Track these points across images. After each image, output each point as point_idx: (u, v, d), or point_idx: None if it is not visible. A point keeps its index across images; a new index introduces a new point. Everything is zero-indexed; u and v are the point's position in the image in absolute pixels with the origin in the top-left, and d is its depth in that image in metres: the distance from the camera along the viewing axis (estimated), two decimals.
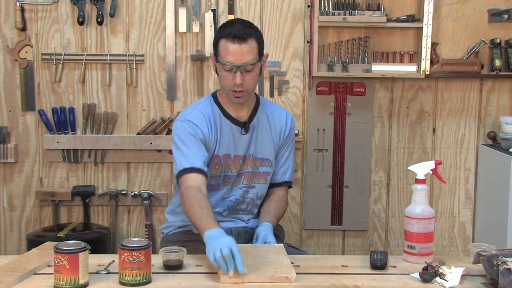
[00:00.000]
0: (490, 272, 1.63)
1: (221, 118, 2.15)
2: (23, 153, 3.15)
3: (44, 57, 3.08)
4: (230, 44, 2.01)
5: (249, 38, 2.02)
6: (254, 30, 2.06)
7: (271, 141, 2.22)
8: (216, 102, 2.18)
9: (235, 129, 2.16)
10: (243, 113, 2.17)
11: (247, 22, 2.09)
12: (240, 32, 2.01)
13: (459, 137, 3.20)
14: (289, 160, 2.29)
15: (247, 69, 2.03)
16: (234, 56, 2.01)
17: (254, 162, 2.18)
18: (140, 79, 3.12)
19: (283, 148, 2.27)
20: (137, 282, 1.58)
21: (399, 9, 3.08)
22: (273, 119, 2.24)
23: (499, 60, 3.07)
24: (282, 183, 2.29)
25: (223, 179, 2.16)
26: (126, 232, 3.22)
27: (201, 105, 2.19)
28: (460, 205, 3.24)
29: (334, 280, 1.66)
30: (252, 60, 2.03)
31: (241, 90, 2.05)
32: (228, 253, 1.61)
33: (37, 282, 1.62)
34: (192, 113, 2.15)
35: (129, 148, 3.13)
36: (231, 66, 2.02)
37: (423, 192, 1.84)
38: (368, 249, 3.21)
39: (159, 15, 3.08)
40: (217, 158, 2.14)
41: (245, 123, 2.16)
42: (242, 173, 2.18)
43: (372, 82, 3.14)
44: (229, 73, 2.04)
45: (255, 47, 2.04)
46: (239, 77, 2.02)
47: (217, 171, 2.15)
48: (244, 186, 2.19)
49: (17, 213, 3.19)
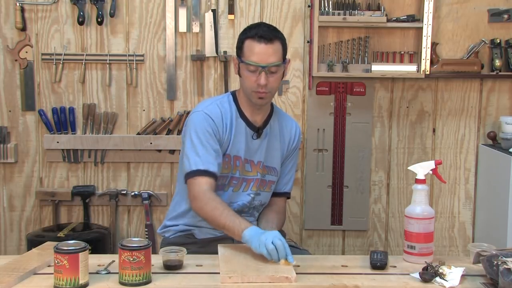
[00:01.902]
0: (490, 272, 1.63)
1: (237, 118, 2.13)
2: (23, 153, 3.15)
3: (44, 57, 3.08)
4: (256, 44, 2.01)
5: (275, 39, 2.03)
6: (279, 33, 2.08)
7: (279, 150, 2.22)
8: (235, 101, 2.16)
9: (248, 132, 2.14)
10: (258, 118, 2.16)
11: (272, 26, 2.12)
12: (266, 33, 2.02)
13: (459, 137, 3.20)
14: (292, 171, 2.30)
15: (271, 70, 2.02)
16: (260, 56, 2.01)
17: (262, 170, 2.18)
18: (140, 79, 3.12)
19: (288, 159, 2.27)
20: (137, 282, 1.58)
21: (399, 9, 3.08)
22: (284, 128, 2.25)
23: (499, 60, 3.07)
24: (283, 194, 2.29)
25: (229, 180, 2.14)
26: (126, 232, 3.22)
27: (220, 100, 2.16)
28: (460, 205, 3.24)
29: (334, 280, 1.66)
30: (277, 62, 2.02)
31: (264, 91, 2.04)
32: (280, 244, 1.73)
33: (37, 282, 1.62)
34: (210, 107, 2.11)
35: (129, 148, 3.13)
36: (256, 66, 2.01)
37: (423, 192, 1.84)
38: (368, 249, 3.21)
39: (159, 15, 3.08)
40: (227, 157, 2.11)
41: (258, 129, 2.16)
42: (250, 179, 2.15)
43: (372, 82, 3.14)
44: (253, 73, 2.03)
45: (280, 49, 2.05)
46: (263, 78, 2.01)
47: (225, 170, 2.12)
48: (252, 192, 2.17)
49: (17, 213, 3.19)
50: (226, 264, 1.72)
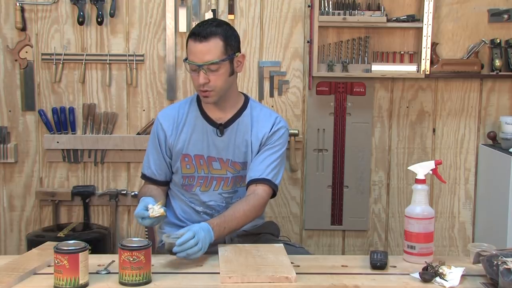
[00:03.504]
0: (490, 272, 1.63)
1: (196, 118, 2.15)
2: (23, 153, 3.15)
3: (44, 57, 3.08)
4: (193, 43, 2.01)
5: (211, 36, 1.99)
6: (220, 29, 2.02)
7: (250, 145, 2.15)
8: (198, 100, 2.18)
9: (210, 130, 2.14)
10: (222, 114, 2.15)
11: (217, 21, 2.08)
12: (202, 31, 2.00)
13: (459, 137, 3.20)
14: (270, 159, 2.11)
15: (211, 68, 2.00)
16: (196, 55, 2.00)
17: (234, 167, 2.16)
18: (140, 79, 3.12)
19: (263, 148, 2.13)
20: (137, 282, 1.58)
21: (399, 9, 3.08)
22: (259, 122, 2.17)
23: (499, 60, 3.07)
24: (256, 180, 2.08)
25: (197, 180, 2.15)
26: (126, 232, 3.22)
27: (182, 102, 2.24)
28: (460, 205, 3.24)
29: (334, 280, 1.66)
30: (215, 59, 2.00)
31: (206, 90, 2.03)
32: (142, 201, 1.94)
33: (37, 282, 1.62)
34: (167, 110, 2.25)
35: (129, 148, 3.13)
36: (194, 65, 2.02)
37: (423, 192, 1.84)
38: (368, 249, 3.21)
39: (159, 15, 3.08)
40: (187, 157, 2.13)
41: (219, 125, 2.14)
42: (220, 178, 2.15)
43: (372, 82, 3.14)
44: (195, 72, 2.03)
45: (220, 45, 2.01)
46: (202, 77, 2.01)
47: (188, 171, 2.14)
48: (225, 192, 2.16)
49: (17, 213, 3.19)
50: (226, 264, 1.72)
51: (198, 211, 2.19)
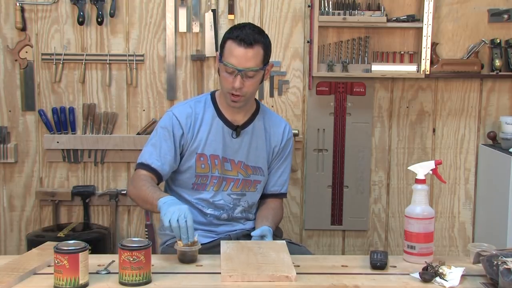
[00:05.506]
0: (490, 272, 1.63)
1: (214, 118, 2.15)
2: (23, 153, 3.15)
3: (44, 57, 3.08)
4: (236, 47, 2.01)
5: (256, 44, 2.01)
6: (262, 37, 2.05)
7: (265, 150, 2.20)
8: (213, 101, 2.18)
9: (226, 131, 2.15)
10: (239, 117, 2.16)
11: (258, 28, 2.08)
12: (248, 37, 2.00)
13: (459, 137, 3.20)
14: (286, 172, 2.28)
15: (248, 74, 2.02)
16: (238, 59, 2.01)
17: (245, 170, 2.17)
18: (140, 79, 3.12)
19: (281, 159, 2.25)
20: (137, 282, 1.58)
21: (399, 9, 3.08)
22: (271, 128, 2.23)
23: (499, 60, 3.07)
24: (277, 195, 2.29)
25: (210, 180, 2.15)
26: (126, 232, 3.22)
27: (194, 101, 2.20)
28: (460, 205, 3.24)
29: (334, 280, 1.66)
30: (255, 67, 2.02)
31: (238, 95, 2.04)
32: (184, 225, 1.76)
33: (37, 282, 1.62)
34: (181, 107, 2.18)
35: (129, 148, 3.12)
36: (233, 68, 2.01)
37: (423, 192, 1.84)
38: (368, 249, 3.21)
39: (159, 15, 3.08)
40: (203, 156, 2.13)
41: (237, 127, 2.15)
42: (230, 179, 2.16)
43: (372, 82, 3.14)
44: (230, 75, 2.03)
45: (261, 54, 2.03)
46: (238, 81, 2.02)
47: (203, 170, 2.14)
48: (234, 193, 2.17)
49: (17, 213, 3.19)
50: (227, 262, 1.72)
51: (205, 213, 2.17)
